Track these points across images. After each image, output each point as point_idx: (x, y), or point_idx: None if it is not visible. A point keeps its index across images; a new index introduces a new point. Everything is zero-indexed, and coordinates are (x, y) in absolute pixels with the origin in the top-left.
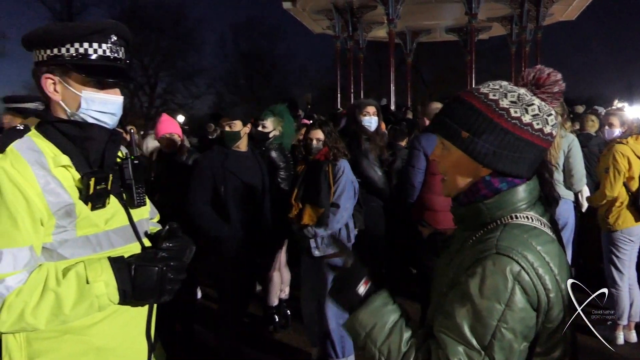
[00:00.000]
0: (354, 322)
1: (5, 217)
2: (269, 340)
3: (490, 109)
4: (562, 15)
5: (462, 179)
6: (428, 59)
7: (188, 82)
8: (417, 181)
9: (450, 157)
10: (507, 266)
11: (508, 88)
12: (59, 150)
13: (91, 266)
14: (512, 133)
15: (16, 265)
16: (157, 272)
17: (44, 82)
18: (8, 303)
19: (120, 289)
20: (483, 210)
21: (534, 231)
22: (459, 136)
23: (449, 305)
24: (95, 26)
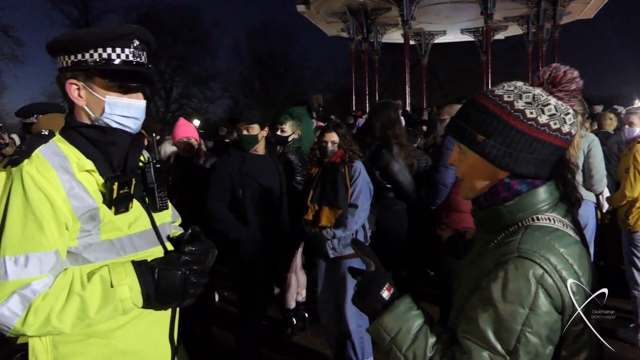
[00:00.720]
0: (378, 327)
1: (31, 221)
2: (287, 343)
3: (505, 111)
4: (580, 14)
5: (480, 182)
6: (443, 60)
7: (203, 86)
8: (449, 182)
9: (468, 161)
10: (530, 270)
11: (523, 89)
12: (82, 155)
13: (115, 270)
14: (529, 134)
15: (42, 270)
16: (180, 275)
17: (68, 87)
18: (35, 307)
19: (144, 293)
20: (503, 212)
21: (556, 233)
22: (475, 140)
23: (472, 311)
24: (118, 31)
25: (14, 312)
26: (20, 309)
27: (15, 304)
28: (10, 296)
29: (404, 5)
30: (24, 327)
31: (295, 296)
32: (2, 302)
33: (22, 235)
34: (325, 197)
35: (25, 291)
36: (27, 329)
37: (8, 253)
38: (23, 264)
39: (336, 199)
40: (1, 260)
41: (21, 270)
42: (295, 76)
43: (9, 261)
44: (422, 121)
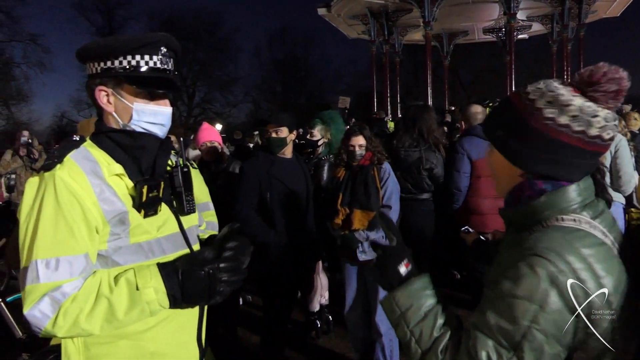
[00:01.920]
0: (391, 300)
1: (62, 225)
2: (311, 346)
3: (526, 110)
4: (606, 12)
5: (506, 179)
6: (466, 61)
7: (225, 90)
8: (462, 185)
9: (492, 158)
10: (543, 268)
11: (550, 87)
12: (112, 160)
13: (140, 273)
14: (547, 135)
15: (73, 272)
16: (204, 275)
17: (97, 93)
18: (64, 309)
19: (170, 295)
20: (528, 211)
21: (578, 233)
22: (495, 135)
23: (484, 304)
24: (146, 39)
25: (45, 314)
26: (51, 311)
27: (46, 306)
28: (41, 298)
29: (425, 7)
30: (54, 328)
31: (319, 299)
32: (34, 305)
33: (53, 239)
34: (357, 200)
35: (55, 293)
36: (57, 330)
37: (40, 256)
38: (54, 267)
39: (369, 201)
40: (33, 263)
41: (52, 273)
42: (316, 79)
43: (41, 264)
44: (446, 123)
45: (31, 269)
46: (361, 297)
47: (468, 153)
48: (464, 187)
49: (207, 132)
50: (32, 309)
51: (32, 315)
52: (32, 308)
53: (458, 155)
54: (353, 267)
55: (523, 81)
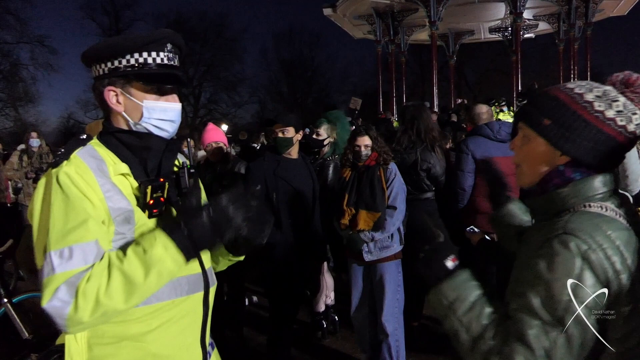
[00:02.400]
0: (439, 293)
1: (72, 215)
2: (317, 346)
3: (574, 101)
4: (613, 11)
5: (539, 167)
6: (472, 61)
7: (231, 91)
8: (467, 185)
9: (529, 146)
10: (575, 245)
11: (595, 85)
12: (118, 159)
13: (144, 238)
14: (594, 125)
15: (87, 260)
16: (205, 217)
17: (106, 94)
18: (82, 290)
19: (181, 246)
20: (556, 199)
21: (605, 217)
22: (541, 123)
23: (521, 286)
24: (152, 36)
25: (64, 300)
26: (69, 295)
27: (64, 293)
28: (58, 288)
29: (431, 6)
30: (77, 312)
31: (325, 299)
32: (52, 295)
33: (64, 229)
34: (363, 201)
35: (71, 279)
36: (81, 314)
37: (53, 248)
38: (68, 256)
39: (374, 202)
40: (48, 255)
41: (66, 262)
42: (322, 79)
43: (55, 255)
44: (451, 122)
45: (47, 262)
46: (367, 298)
47: (472, 153)
48: (468, 186)
49: (213, 132)
50: (51, 300)
51: (52, 305)
52: (51, 299)
53: (462, 155)
54: (359, 267)
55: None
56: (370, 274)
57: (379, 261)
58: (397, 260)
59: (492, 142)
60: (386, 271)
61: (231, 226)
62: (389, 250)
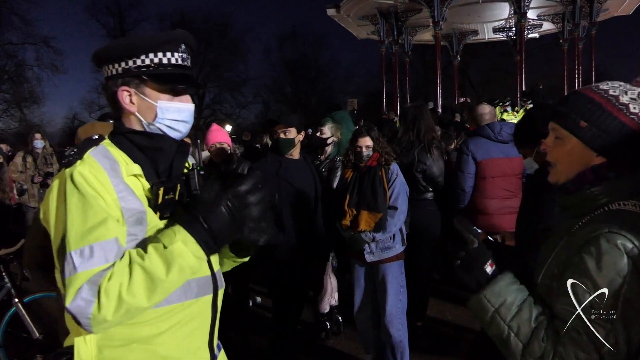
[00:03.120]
0: (482, 299)
1: (90, 213)
2: (321, 347)
3: (610, 103)
4: (618, 10)
5: (575, 166)
6: (476, 61)
7: (235, 91)
8: (467, 186)
9: (564, 147)
10: (621, 243)
11: (628, 87)
12: (130, 160)
13: (164, 234)
14: (630, 127)
15: (108, 258)
16: (224, 209)
17: (120, 94)
18: (104, 288)
19: (201, 242)
20: (590, 197)
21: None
22: (577, 125)
23: (566, 284)
24: (167, 36)
25: (87, 299)
26: (92, 294)
27: (87, 292)
28: (81, 287)
29: (435, 6)
30: (101, 312)
31: (329, 300)
32: (75, 294)
33: (83, 228)
34: (364, 201)
35: (93, 277)
36: (105, 312)
37: (73, 247)
38: (89, 255)
39: (376, 203)
40: (68, 256)
41: (87, 261)
42: (326, 80)
43: (75, 255)
44: (454, 123)
45: (67, 262)
46: (370, 298)
47: (473, 154)
48: (468, 187)
49: (217, 133)
50: (75, 299)
51: (76, 305)
52: (75, 299)
53: (463, 156)
54: (361, 268)
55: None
56: (373, 275)
57: (381, 262)
58: (399, 261)
59: (494, 143)
60: (388, 272)
61: (252, 219)
62: (391, 251)
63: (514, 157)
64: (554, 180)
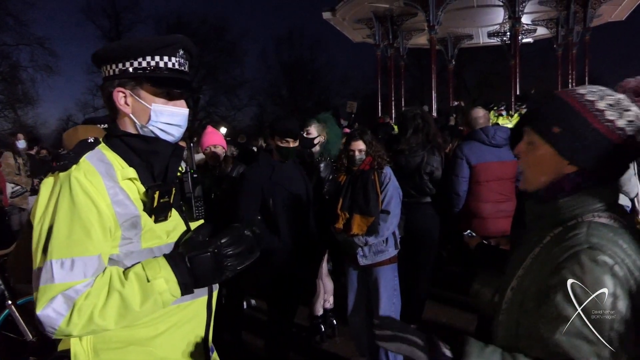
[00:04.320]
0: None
1: (78, 226)
2: (316, 350)
3: (585, 109)
4: (612, 16)
5: (545, 175)
6: (471, 65)
7: (231, 94)
8: (461, 190)
9: (536, 152)
10: (602, 259)
11: (607, 92)
12: (125, 163)
13: (149, 265)
14: (604, 135)
15: (86, 273)
16: (210, 257)
17: (115, 95)
18: (78, 306)
19: (181, 284)
20: (563, 207)
21: (617, 230)
22: (550, 131)
23: (555, 309)
24: (166, 40)
25: (59, 312)
26: (65, 309)
27: (60, 304)
28: (54, 298)
29: (430, 11)
30: (69, 327)
31: (322, 303)
32: (47, 304)
33: (68, 240)
34: (357, 205)
35: (68, 292)
36: (72, 328)
37: (55, 256)
38: (69, 268)
39: (368, 207)
40: (48, 263)
41: (67, 273)
42: (322, 83)
43: (56, 264)
44: (449, 127)
45: (45, 269)
46: (364, 301)
47: (467, 158)
48: (462, 191)
49: (212, 135)
50: (46, 308)
51: (46, 315)
52: (46, 307)
53: (457, 160)
54: (355, 271)
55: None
56: (366, 278)
57: (374, 265)
58: (392, 265)
59: (487, 147)
60: (381, 275)
61: (231, 267)
62: (383, 255)
63: (508, 160)
64: (523, 188)
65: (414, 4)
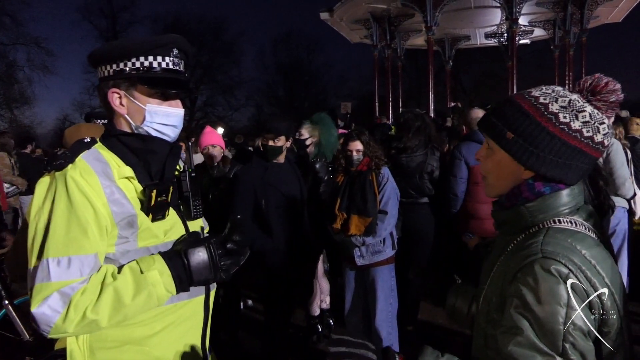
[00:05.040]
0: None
1: (75, 224)
2: (312, 350)
3: (538, 112)
4: (608, 18)
5: (504, 180)
6: (468, 66)
7: (228, 94)
8: (459, 191)
9: (494, 158)
10: (556, 269)
11: (560, 93)
12: (122, 162)
13: (143, 260)
14: (559, 138)
15: (83, 272)
16: (206, 252)
17: (110, 96)
18: (75, 302)
19: (175, 277)
20: (524, 213)
21: (577, 235)
22: (504, 136)
23: (509, 320)
24: (159, 40)
25: (55, 309)
26: (61, 305)
27: (56, 301)
28: (50, 295)
29: (428, 12)
30: (65, 323)
31: (319, 303)
32: (42, 301)
33: (65, 238)
34: (354, 205)
35: (65, 289)
36: (68, 325)
37: (51, 255)
38: (66, 266)
39: (366, 207)
40: (45, 261)
41: (63, 272)
42: (319, 83)
43: (52, 263)
44: (446, 128)
45: (42, 267)
46: (361, 301)
47: (465, 159)
48: (460, 192)
49: (210, 135)
50: (41, 305)
51: (41, 312)
52: (41, 305)
53: (455, 161)
54: (352, 271)
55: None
56: (364, 278)
57: (371, 265)
58: (389, 265)
59: None
60: (379, 276)
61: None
62: (381, 255)
63: None
64: (487, 194)
65: (412, 5)
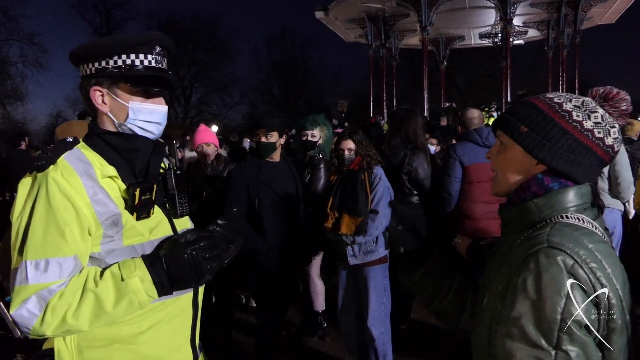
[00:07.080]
0: None
1: (53, 227)
2: (306, 349)
3: (552, 110)
4: (602, 19)
5: (515, 175)
6: (462, 66)
7: (222, 92)
8: (454, 190)
9: (506, 153)
10: (561, 259)
11: (574, 95)
12: (105, 162)
13: (125, 264)
14: (571, 134)
15: (62, 274)
16: (187, 258)
17: (92, 94)
18: (52, 305)
19: (157, 283)
20: (532, 208)
21: (584, 230)
22: (517, 130)
23: (508, 309)
24: (141, 38)
25: (32, 312)
26: (38, 309)
27: (33, 304)
28: (28, 298)
29: (423, 11)
30: (42, 327)
31: (324, 297)
32: (21, 304)
33: (43, 240)
34: (345, 205)
35: (42, 292)
36: (45, 328)
37: (29, 257)
38: (43, 269)
39: (356, 206)
40: (23, 264)
41: (41, 274)
42: (314, 82)
43: (30, 265)
44: (440, 127)
45: (20, 269)
46: (354, 300)
47: (460, 158)
48: (454, 191)
49: (204, 133)
50: (19, 308)
51: (20, 314)
52: (20, 307)
53: (450, 160)
54: (345, 270)
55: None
56: (357, 278)
57: (364, 265)
58: (382, 265)
59: (480, 147)
60: (371, 275)
61: (210, 270)
62: (373, 255)
63: None
64: (495, 191)
65: (406, 5)
